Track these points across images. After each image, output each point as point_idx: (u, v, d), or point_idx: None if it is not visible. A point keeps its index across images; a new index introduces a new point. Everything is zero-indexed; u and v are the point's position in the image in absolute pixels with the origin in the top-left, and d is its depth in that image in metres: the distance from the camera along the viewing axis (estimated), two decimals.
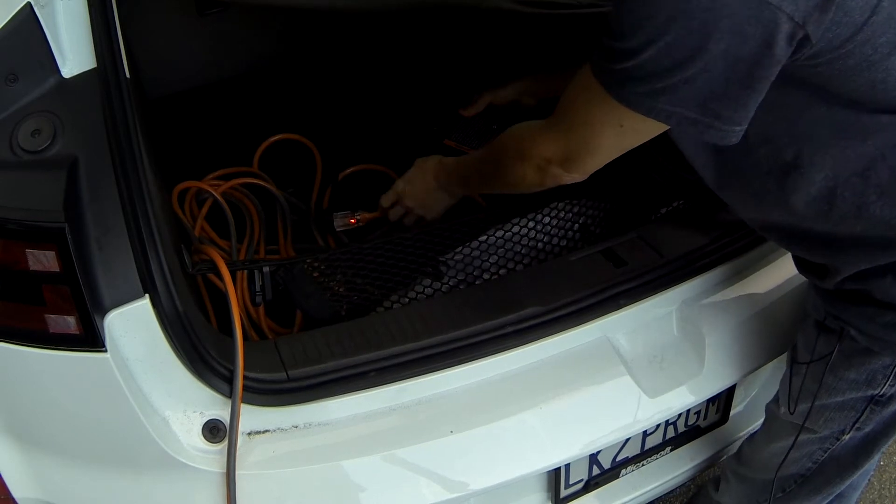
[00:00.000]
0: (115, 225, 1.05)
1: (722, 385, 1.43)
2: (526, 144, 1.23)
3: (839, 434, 1.32)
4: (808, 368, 1.28)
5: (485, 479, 1.27)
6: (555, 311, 1.29)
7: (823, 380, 1.25)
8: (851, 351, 1.20)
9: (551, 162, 1.18)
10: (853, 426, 1.29)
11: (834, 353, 1.22)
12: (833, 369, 1.23)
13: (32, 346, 1.06)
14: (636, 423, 1.34)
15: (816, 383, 1.26)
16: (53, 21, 1.09)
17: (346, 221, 1.75)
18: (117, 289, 1.05)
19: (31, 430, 1.17)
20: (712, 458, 1.67)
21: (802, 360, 1.29)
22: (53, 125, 1.06)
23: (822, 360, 1.24)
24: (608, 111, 1.04)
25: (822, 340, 1.24)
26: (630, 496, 1.57)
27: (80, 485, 1.18)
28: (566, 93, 1.14)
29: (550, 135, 1.18)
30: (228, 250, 1.71)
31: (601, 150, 1.13)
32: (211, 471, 1.15)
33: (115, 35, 1.12)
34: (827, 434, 1.33)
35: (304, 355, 1.21)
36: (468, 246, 1.46)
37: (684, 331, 1.39)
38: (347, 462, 1.21)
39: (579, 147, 1.14)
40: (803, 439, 1.35)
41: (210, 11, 1.96)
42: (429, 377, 1.24)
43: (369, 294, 1.44)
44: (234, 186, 1.80)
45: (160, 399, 1.13)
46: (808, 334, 1.28)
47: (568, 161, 1.17)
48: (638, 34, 0.93)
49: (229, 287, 1.21)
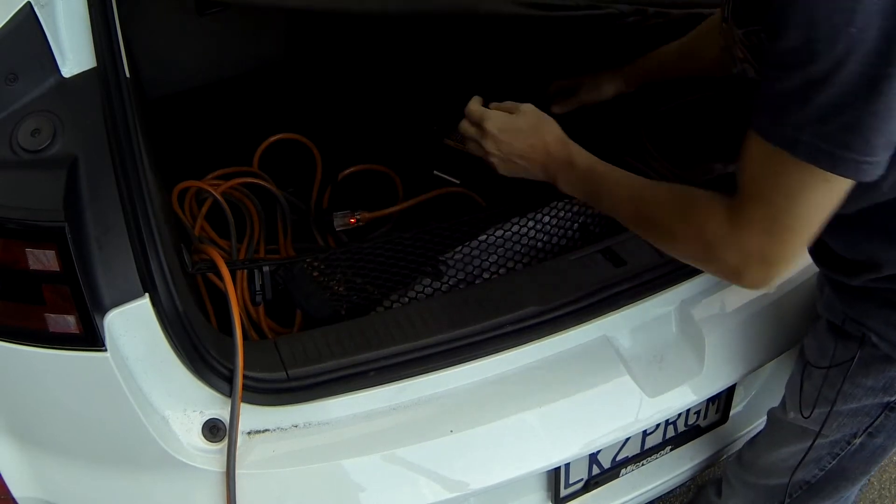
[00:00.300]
0: (114, 224, 1.05)
1: (722, 385, 1.43)
2: (710, 228, 0.99)
3: (850, 438, 1.30)
4: (825, 374, 1.24)
5: (485, 478, 1.27)
6: (554, 311, 1.29)
7: (842, 387, 1.22)
8: (871, 358, 1.18)
9: (751, 258, 0.96)
10: (865, 431, 1.27)
11: (854, 359, 1.18)
12: (851, 376, 1.21)
13: (32, 346, 1.06)
14: (636, 422, 1.34)
15: (834, 390, 1.23)
16: (53, 21, 1.09)
17: (346, 221, 1.75)
18: (117, 288, 1.05)
19: (31, 429, 1.17)
20: (712, 458, 1.67)
21: (818, 365, 1.26)
22: (53, 125, 1.06)
23: (840, 367, 1.21)
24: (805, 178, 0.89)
25: (840, 346, 1.21)
26: (630, 496, 1.57)
27: (80, 484, 1.18)
28: (744, 171, 0.96)
29: (745, 225, 0.96)
30: (228, 250, 1.71)
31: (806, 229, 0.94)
32: (211, 470, 1.15)
33: (115, 35, 1.12)
34: (838, 438, 1.31)
35: (303, 355, 1.21)
36: (468, 245, 1.46)
37: (684, 331, 1.39)
38: (347, 462, 1.21)
39: (782, 239, 0.94)
40: (816, 444, 1.32)
41: (210, 11, 1.96)
42: (429, 377, 1.24)
43: (369, 294, 1.44)
44: (234, 186, 1.80)
45: (160, 398, 1.13)
46: (823, 338, 1.25)
47: (766, 258, 0.96)
48: (823, 51, 0.81)
49: (229, 286, 1.21)
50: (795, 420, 1.34)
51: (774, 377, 1.70)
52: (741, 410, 1.67)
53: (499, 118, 1.25)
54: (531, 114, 1.25)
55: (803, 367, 1.32)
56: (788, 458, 1.39)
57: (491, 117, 1.25)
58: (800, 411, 1.31)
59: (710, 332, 1.39)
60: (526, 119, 1.24)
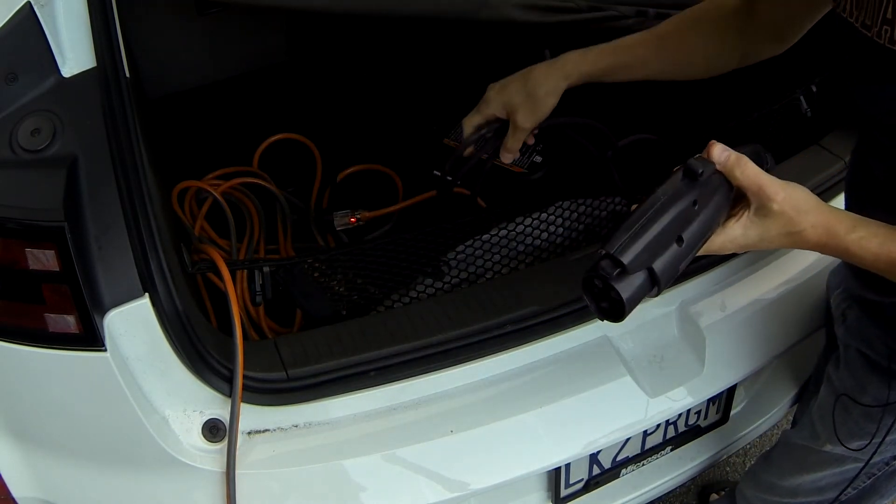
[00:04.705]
0: (114, 224, 1.05)
1: (722, 385, 1.43)
2: None
3: (889, 460, 1.27)
4: (870, 412, 1.21)
5: (485, 478, 1.26)
6: (555, 311, 1.29)
7: (882, 421, 1.19)
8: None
9: None
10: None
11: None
12: (893, 412, 1.18)
13: (32, 346, 1.06)
14: (636, 422, 1.34)
15: (885, 428, 1.20)
16: (53, 20, 1.09)
17: (346, 221, 1.75)
18: (117, 288, 1.05)
19: (30, 429, 1.17)
20: (712, 458, 1.67)
21: (860, 402, 1.22)
22: (53, 124, 1.05)
23: (891, 406, 1.18)
24: None
25: (889, 388, 1.17)
26: (630, 496, 1.57)
27: (80, 484, 1.18)
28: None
29: None
30: (228, 250, 1.71)
31: None
32: (211, 470, 1.15)
33: (115, 35, 1.12)
34: (876, 461, 1.27)
35: (304, 355, 1.20)
36: (469, 245, 1.46)
37: (685, 331, 1.39)
38: (347, 462, 1.21)
39: None
40: (851, 467, 1.30)
41: (210, 11, 1.96)
42: (429, 377, 1.24)
43: (370, 293, 1.44)
44: (233, 186, 1.81)
45: (160, 398, 1.12)
46: (861, 375, 1.21)
47: None
48: None
49: (229, 286, 1.21)
50: (833, 450, 1.31)
51: (775, 377, 1.70)
52: (742, 410, 1.67)
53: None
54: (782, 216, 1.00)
55: (836, 397, 1.27)
56: (819, 481, 1.37)
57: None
58: (839, 443, 1.27)
59: (710, 332, 1.39)
60: (777, 226, 1.01)
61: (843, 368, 1.28)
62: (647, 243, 0.94)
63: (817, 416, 1.35)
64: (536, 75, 1.36)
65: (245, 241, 1.74)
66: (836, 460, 1.32)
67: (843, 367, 1.28)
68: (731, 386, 1.50)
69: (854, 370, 1.24)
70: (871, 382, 1.21)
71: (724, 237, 1.02)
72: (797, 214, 1.00)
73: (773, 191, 0.99)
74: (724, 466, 2.19)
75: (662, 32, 1.33)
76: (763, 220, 1.00)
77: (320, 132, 1.96)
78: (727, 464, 2.19)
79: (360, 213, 1.76)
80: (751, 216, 1.01)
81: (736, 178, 1.00)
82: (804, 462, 1.41)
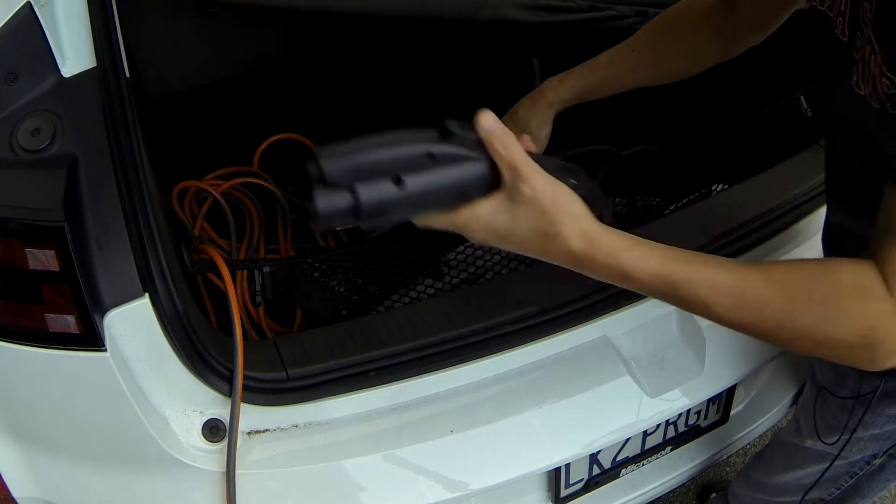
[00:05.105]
0: (114, 224, 1.05)
1: (722, 385, 1.43)
2: (874, 308, 0.82)
3: (870, 459, 1.28)
4: (845, 404, 1.22)
5: (485, 478, 1.26)
6: (555, 311, 1.29)
7: (864, 418, 1.20)
8: (893, 389, 1.16)
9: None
10: (886, 452, 1.26)
11: (878, 391, 1.15)
12: (873, 407, 1.19)
13: (32, 346, 1.06)
14: (636, 422, 1.34)
15: (856, 419, 1.21)
16: (53, 20, 1.09)
17: None
18: (117, 288, 1.05)
19: (30, 429, 1.17)
20: (712, 459, 1.67)
21: (837, 394, 1.23)
22: (53, 124, 1.06)
23: (862, 398, 1.19)
24: None
25: (866, 380, 1.18)
26: (630, 496, 1.57)
27: (80, 484, 1.18)
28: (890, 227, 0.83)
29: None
30: (228, 250, 1.71)
31: None
32: (211, 470, 1.15)
33: (115, 34, 1.12)
34: (857, 459, 1.29)
35: (304, 355, 1.20)
36: (469, 245, 1.46)
37: (684, 331, 1.39)
38: (347, 462, 1.21)
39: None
40: (834, 465, 1.30)
41: (210, 11, 1.96)
42: (429, 377, 1.24)
43: (370, 293, 1.44)
44: (233, 186, 1.81)
45: (160, 398, 1.12)
46: (843, 370, 1.22)
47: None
48: None
49: (229, 286, 1.21)
50: (814, 446, 1.32)
51: (775, 377, 1.70)
52: (741, 411, 1.67)
53: (482, 218, 0.88)
54: (534, 205, 0.86)
55: (817, 392, 1.29)
56: (804, 478, 1.38)
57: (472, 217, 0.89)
58: (818, 438, 1.29)
59: (710, 332, 1.39)
60: (527, 217, 0.87)
61: (825, 362, 1.29)
62: (358, 164, 0.84)
63: (801, 412, 1.37)
64: (523, 113, 1.35)
65: (245, 241, 1.74)
66: (818, 457, 1.33)
67: (826, 361, 1.28)
68: (731, 386, 1.50)
69: (835, 364, 1.24)
70: (850, 375, 1.22)
71: (471, 213, 0.87)
72: (556, 212, 0.85)
73: (530, 173, 0.84)
74: (724, 466, 2.19)
75: (639, 44, 1.31)
76: (514, 205, 0.86)
77: (320, 132, 1.95)
78: (727, 464, 2.19)
79: None
80: (502, 199, 0.86)
81: (496, 150, 0.85)
82: (791, 459, 1.42)
